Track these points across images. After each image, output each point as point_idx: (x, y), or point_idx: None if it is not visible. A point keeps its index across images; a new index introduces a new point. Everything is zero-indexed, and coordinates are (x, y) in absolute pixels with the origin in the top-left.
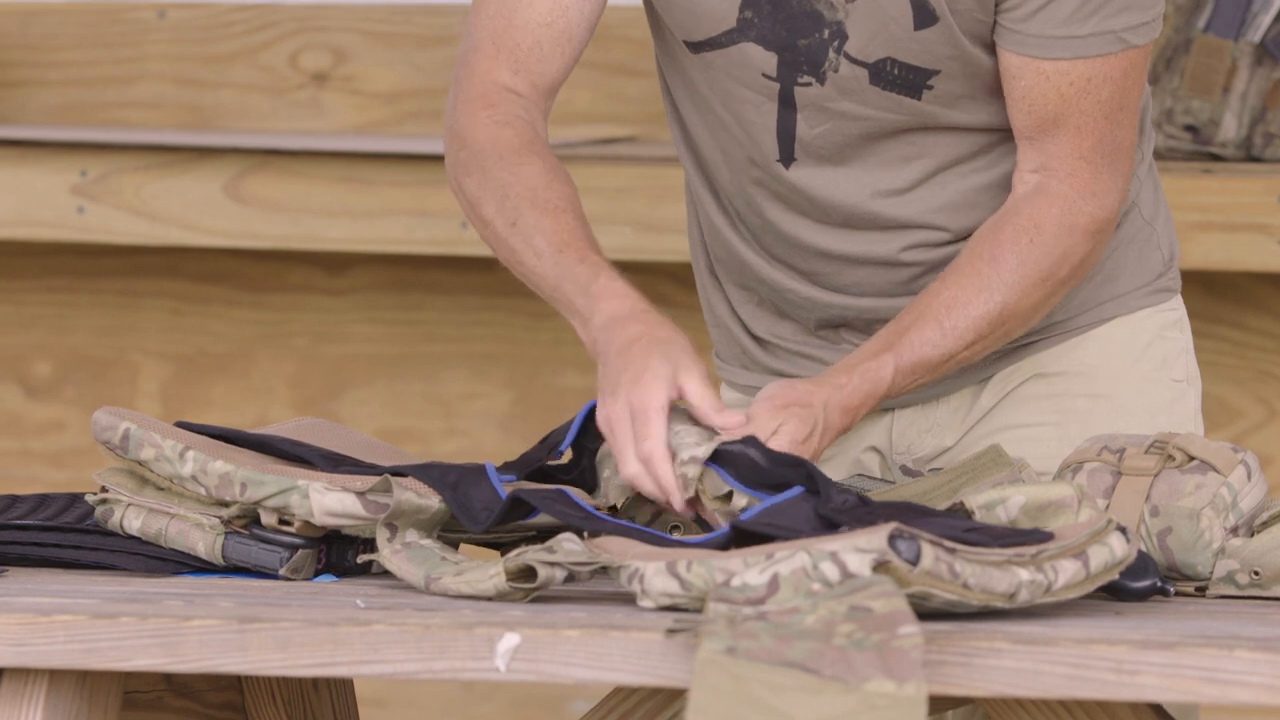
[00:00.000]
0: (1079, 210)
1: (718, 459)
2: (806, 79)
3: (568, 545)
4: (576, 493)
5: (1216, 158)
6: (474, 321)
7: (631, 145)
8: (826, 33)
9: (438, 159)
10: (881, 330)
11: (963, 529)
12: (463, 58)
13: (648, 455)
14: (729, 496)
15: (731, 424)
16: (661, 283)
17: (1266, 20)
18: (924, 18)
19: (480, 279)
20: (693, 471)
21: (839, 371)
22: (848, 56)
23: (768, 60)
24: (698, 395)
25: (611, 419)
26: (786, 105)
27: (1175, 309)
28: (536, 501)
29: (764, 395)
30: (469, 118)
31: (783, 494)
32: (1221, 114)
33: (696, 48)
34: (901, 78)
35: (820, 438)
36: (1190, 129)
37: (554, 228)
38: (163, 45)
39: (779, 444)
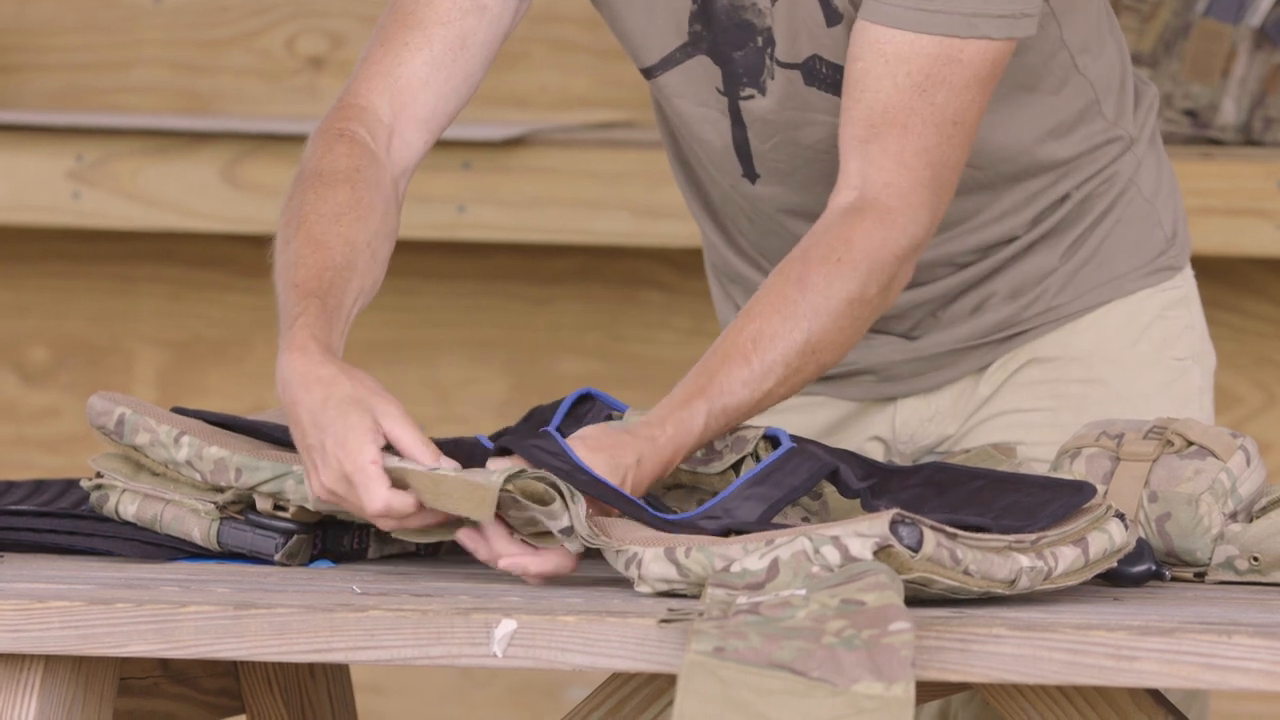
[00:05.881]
0: (891, 224)
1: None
2: (749, 91)
3: (579, 508)
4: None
5: (1216, 142)
6: (471, 307)
7: (629, 130)
8: (760, 40)
9: (435, 144)
10: (691, 371)
11: (972, 508)
12: (359, 62)
13: (384, 509)
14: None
15: (449, 465)
16: (660, 269)
17: (1266, 4)
18: (832, 15)
19: (478, 264)
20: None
21: (652, 424)
22: (779, 62)
23: (717, 74)
24: (405, 440)
25: (335, 491)
26: (736, 122)
27: (1179, 286)
28: (519, 448)
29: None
30: (325, 125)
31: (774, 453)
32: (1221, 98)
33: (650, 72)
34: (830, 77)
35: (631, 488)
36: (1190, 113)
37: (306, 260)
38: (159, 30)
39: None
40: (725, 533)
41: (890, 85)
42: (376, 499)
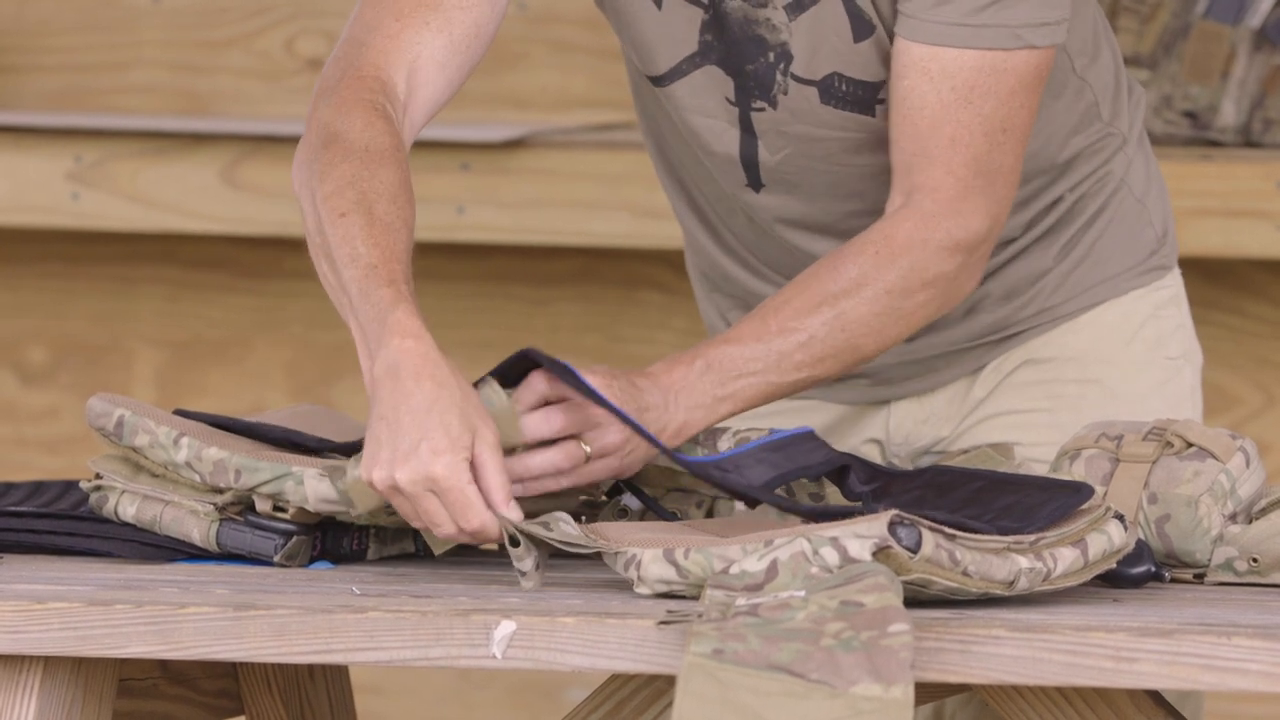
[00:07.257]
0: (935, 225)
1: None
2: (759, 104)
3: (564, 526)
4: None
5: (1215, 143)
6: (470, 308)
7: (628, 131)
8: (772, 55)
9: (434, 145)
10: None
11: (972, 511)
12: (365, 30)
13: (479, 530)
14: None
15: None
16: (659, 270)
17: (1265, 5)
18: (862, 29)
19: (477, 265)
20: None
21: (645, 367)
22: (794, 77)
23: (728, 84)
24: (487, 471)
25: (407, 489)
26: (747, 131)
27: (1169, 285)
28: (544, 360)
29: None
30: (351, 93)
31: (788, 431)
32: (1220, 100)
33: (659, 81)
34: (851, 94)
35: (642, 409)
36: (1189, 115)
37: (379, 241)
38: (158, 31)
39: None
40: (730, 489)
41: (935, 100)
42: (475, 516)
